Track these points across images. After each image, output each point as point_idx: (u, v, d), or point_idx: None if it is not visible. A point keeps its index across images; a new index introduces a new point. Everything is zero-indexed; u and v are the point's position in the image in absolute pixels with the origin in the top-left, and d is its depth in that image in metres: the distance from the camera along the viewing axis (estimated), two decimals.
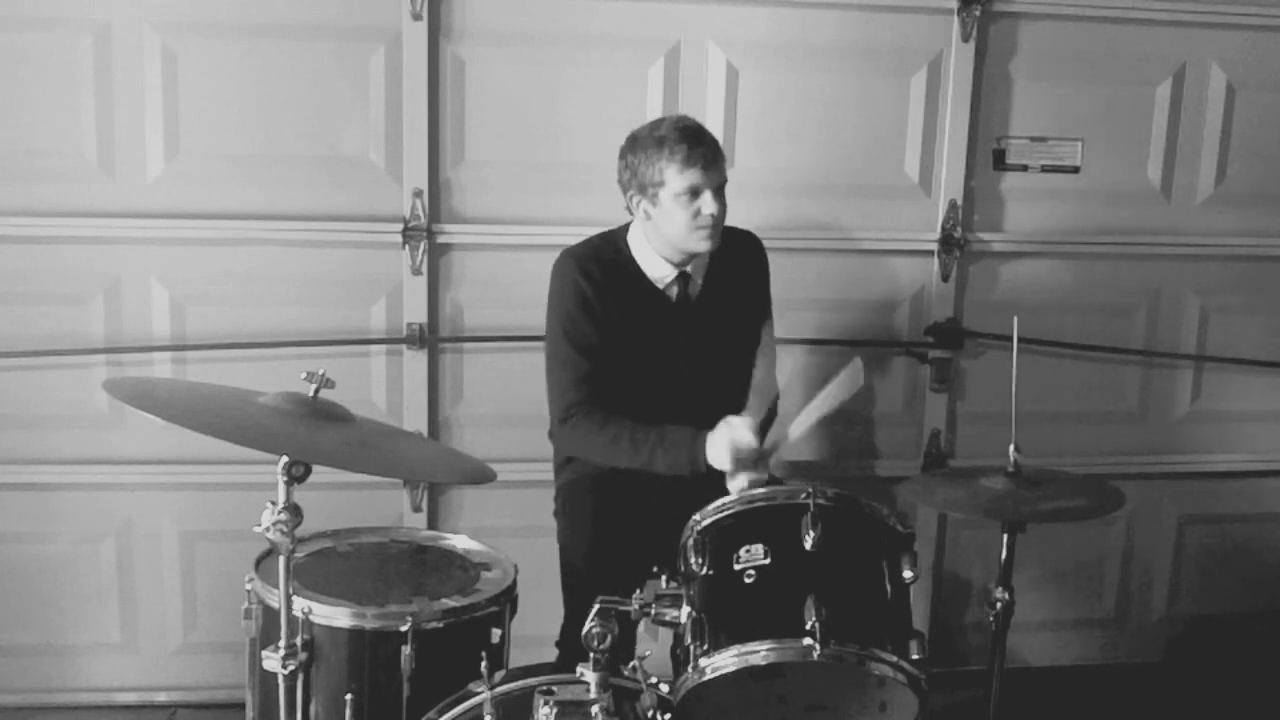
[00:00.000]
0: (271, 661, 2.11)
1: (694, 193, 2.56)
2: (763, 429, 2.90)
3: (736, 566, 2.06)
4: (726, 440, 2.50)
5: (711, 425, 2.79)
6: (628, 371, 2.68)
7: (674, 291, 2.72)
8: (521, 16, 3.22)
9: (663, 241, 2.66)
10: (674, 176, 2.55)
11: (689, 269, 2.71)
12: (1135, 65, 3.50)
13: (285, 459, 1.99)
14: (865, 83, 3.38)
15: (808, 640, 1.93)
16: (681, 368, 2.72)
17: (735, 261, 2.78)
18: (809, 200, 3.42)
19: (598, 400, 2.65)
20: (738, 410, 2.85)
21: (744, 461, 2.49)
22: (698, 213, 2.58)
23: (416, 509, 3.38)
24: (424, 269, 3.27)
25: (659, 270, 2.70)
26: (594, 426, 2.63)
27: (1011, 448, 2.62)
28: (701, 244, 2.63)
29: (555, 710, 1.94)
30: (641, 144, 2.60)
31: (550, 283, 2.72)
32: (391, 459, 2.22)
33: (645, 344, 2.69)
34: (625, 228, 2.76)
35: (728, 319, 2.78)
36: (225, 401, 2.18)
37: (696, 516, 2.19)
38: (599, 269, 2.67)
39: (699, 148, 2.56)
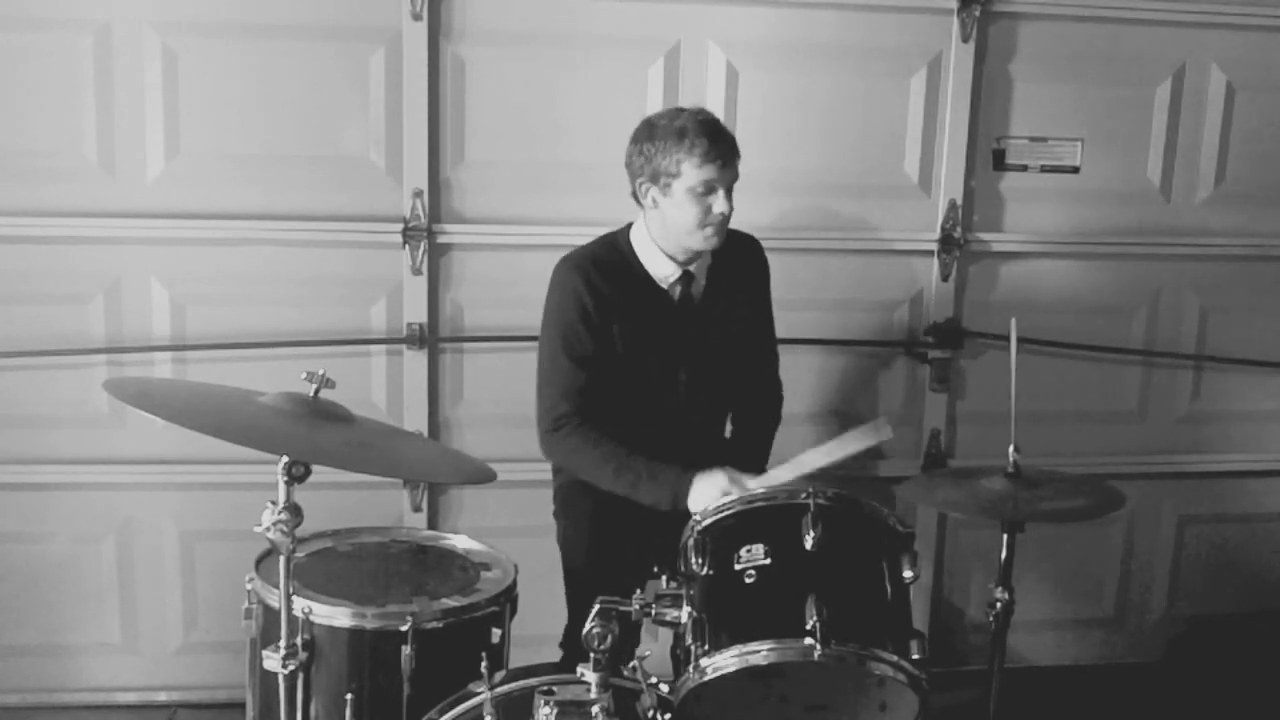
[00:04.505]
0: (272, 661, 2.11)
1: (708, 188, 2.55)
2: (767, 435, 2.90)
3: (737, 566, 2.06)
4: (714, 495, 2.41)
5: (707, 426, 2.80)
6: (629, 372, 2.68)
7: (677, 291, 2.72)
8: (522, 16, 3.22)
9: (666, 235, 2.65)
10: (691, 170, 2.53)
11: (692, 268, 2.71)
12: (1135, 65, 3.50)
13: (285, 459, 1.99)
14: (865, 83, 3.38)
15: (808, 640, 1.93)
16: (682, 368, 2.72)
17: (737, 263, 2.77)
18: (809, 200, 3.42)
19: (588, 413, 2.64)
20: (728, 412, 2.86)
21: None
22: (708, 210, 2.56)
23: (416, 509, 3.38)
24: (424, 269, 3.27)
25: (663, 269, 2.69)
26: (585, 442, 2.61)
27: (1011, 448, 2.62)
28: (706, 242, 2.62)
29: (555, 710, 1.94)
30: (660, 132, 2.55)
31: (549, 290, 2.70)
32: (391, 459, 2.22)
33: (648, 344, 2.69)
34: (627, 228, 2.75)
35: (729, 320, 2.77)
36: (225, 401, 2.18)
37: (697, 516, 2.19)
38: (600, 274, 2.65)
39: (719, 144, 2.54)
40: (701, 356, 2.73)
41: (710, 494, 2.46)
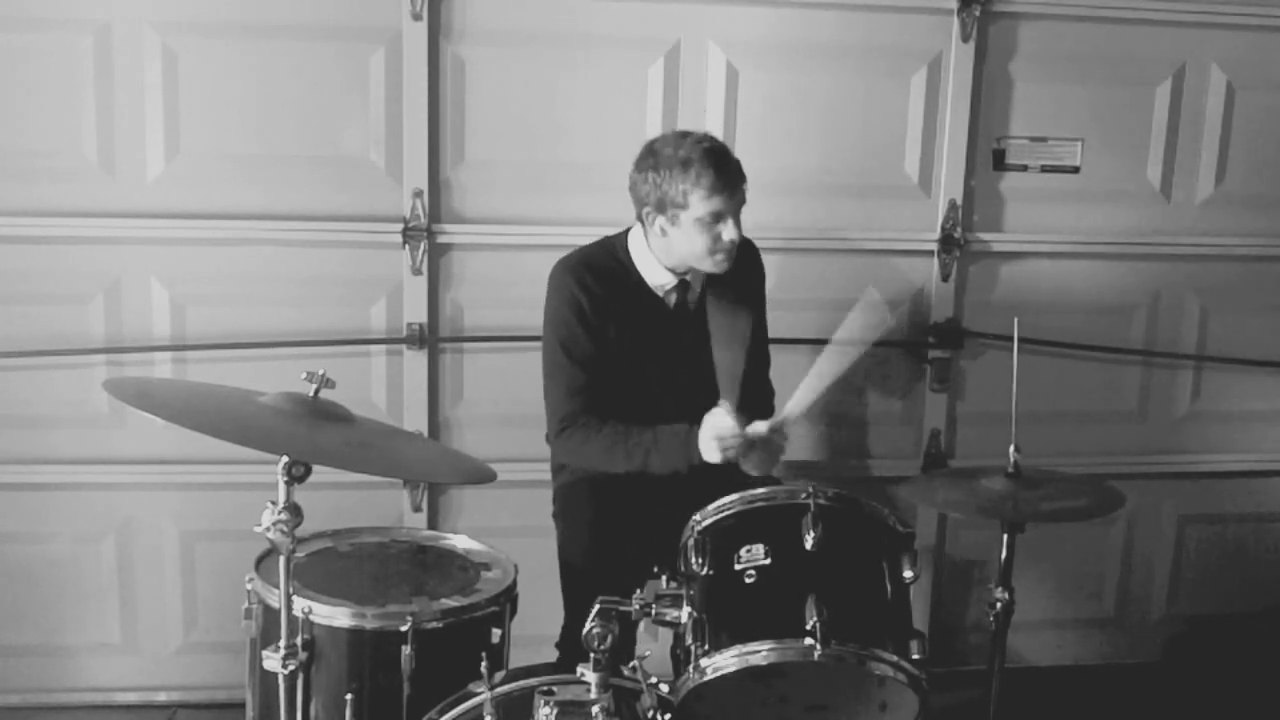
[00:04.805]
0: (271, 661, 2.12)
1: (716, 218, 2.55)
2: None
3: (737, 566, 2.06)
4: (710, 432, 2.50)
5: None
6: (627, 379, 2.68)
7: (673, 299, 2.72)
8: (521, 16, 3.22)
9: (669, 254, 2.65)
10: (699, 202, 2.52)
11: (688, 277, 2.71)
12: (1135, 65, 3.50)
13: (285, 459, 1.99)
14: (865, 83, 3.38)
15: (808, 640, 1.93)
16: (680, 374, 2.72)
17: (734, 268, 2.77)
18: (809, 200, 3.42)
19: (593, 411, 2.64)
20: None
21: (737, 448, 2.49)
22: (717, 238, 2.56)
23: (416, 509, 3.38)
24: (424, 269, 3.27)
25: (659, 278, 2.70)
26: (589, 435, 2.63)
27: (1011, 448, 2.62)
28: (716, 266, 2.62)
29: (555, 710, 1.94)
30: (665, 161, 2.54)
31: (547, 294, 2.71)
32: (391, 459, 2.22)
33: (644, 351, 2.69)
34: (624, 233, 2.75)
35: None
36: (225, 401, 2.18)
37: (697, 517, 2.19)
38: (596, 279, 2.66)
39: (726, 173, 2.53)
40: (699, 362, 2.73)
41: (719, 427, 2.49)
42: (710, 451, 2.51)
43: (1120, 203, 3.57)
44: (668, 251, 2.64)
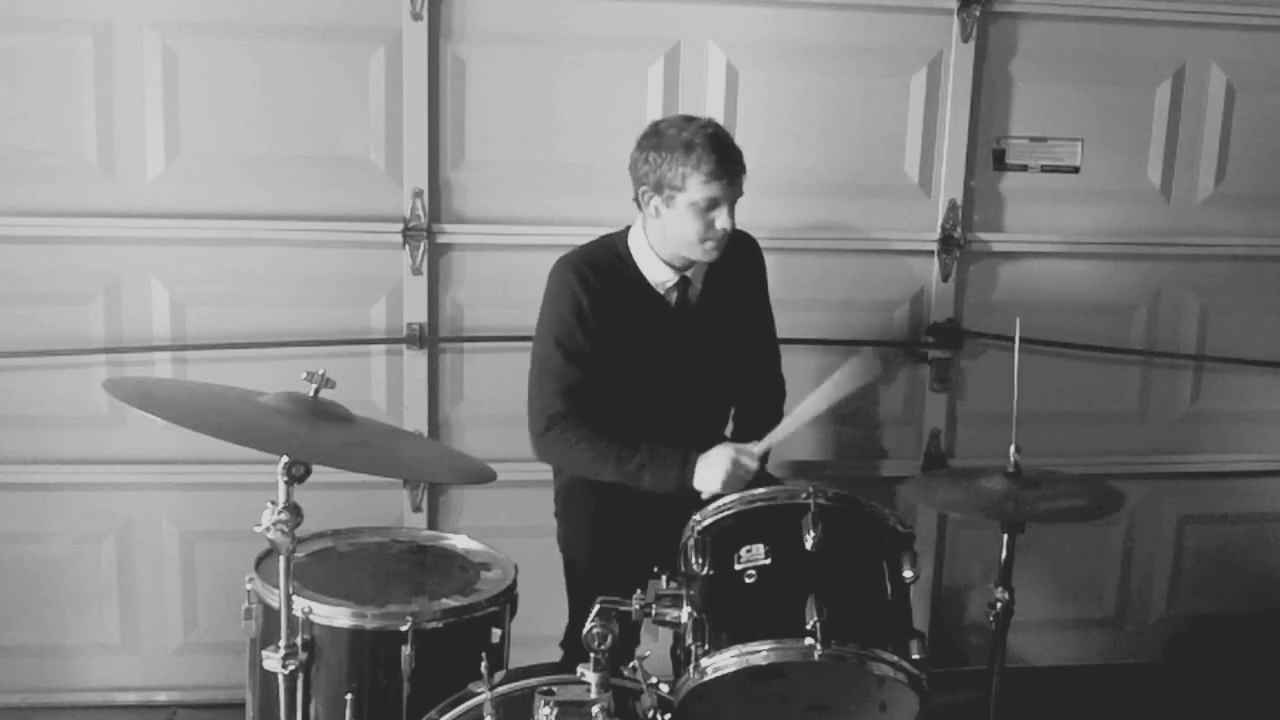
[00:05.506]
0: (271, 661, 2.12)
1: (712, 205, 2.54)
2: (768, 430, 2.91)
3: (737, 566, 2.07)
4: (726, 468, 2.50)
5: (706, 428, 2.80)
6: (626, 377, 2.68)
7: (674, 297, 2.72)
8: (521, 16, 3.22)
9: (664, 243, 2.65)
10: (696, 186, 2.52)
11: (689, 273, 2.71)
12: (1135, 65, 3.50)
13: (285, 459, 1.99)
14: (865, 83, 3.38)
15: (809, 640, 1.93)
16: (681, 371, 2.72)
17: (734, 264, 2.77)
18: (809, 200, 3.42)
19: (582, 412, 2.64)
20: (729, 415, 2.87)
21: (739, 486, 2.48)
22: (710, 225, 2.56)
23: (416, 509, 3.38)
24: (424, 269, 3.27)
25: (660, 274, 2.70)
26: (578, 439, 2.62)
27: (1012, 448, 2.62)
28: (705, 255, 2.62)
29: (555, 710, 1.94)
30: (668, 142, 2.54)
31: (546, 288, 2.71)
32: (391, 459, 2.23)
33: (644, 348, 2.69)
34: (625, 231, 2.76)
35: (727, 322, 2.77)
36: (225, 401, 2.18)
37: (697, 516, 2.19)
38: (597, 277, 2.66)
39: (727, 161, 2.52)
40: (701, 359, 2.73)
41: (717, 468, 2.49)
42: (709, 482, 2.51)
43: (1120, 203, 3.57)
44: (661, 236, 2.63)
